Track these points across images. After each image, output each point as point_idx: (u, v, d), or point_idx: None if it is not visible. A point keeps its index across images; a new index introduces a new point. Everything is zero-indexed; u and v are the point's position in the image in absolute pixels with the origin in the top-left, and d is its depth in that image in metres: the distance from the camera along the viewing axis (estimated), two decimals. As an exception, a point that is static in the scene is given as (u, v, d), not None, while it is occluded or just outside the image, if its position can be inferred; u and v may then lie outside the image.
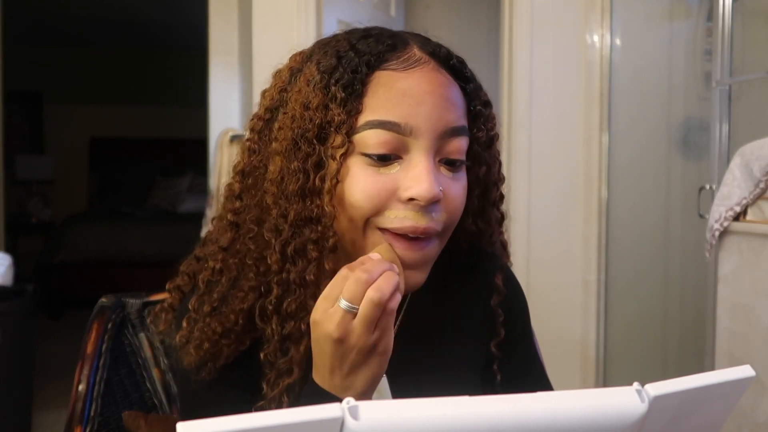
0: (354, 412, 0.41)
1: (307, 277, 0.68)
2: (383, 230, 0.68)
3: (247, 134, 0.76)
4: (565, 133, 2.48)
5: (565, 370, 2.47)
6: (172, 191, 6.14)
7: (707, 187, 2.14)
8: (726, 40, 2.07)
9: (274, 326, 0.69)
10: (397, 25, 2.76)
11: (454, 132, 0.69)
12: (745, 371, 0.52)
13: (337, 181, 0.67)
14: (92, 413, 0.92)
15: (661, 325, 2.60)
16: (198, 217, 3.97)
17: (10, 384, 2.43)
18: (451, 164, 0.70)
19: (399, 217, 0.67)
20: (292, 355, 0.69)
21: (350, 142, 0.67)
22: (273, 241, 0.69)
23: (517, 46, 2.44)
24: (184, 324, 0.73)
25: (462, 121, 0.70)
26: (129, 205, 5.86)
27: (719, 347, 1.74)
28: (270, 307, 0.69)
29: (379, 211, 0.68)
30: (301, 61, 0.73)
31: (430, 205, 0.67)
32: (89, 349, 0.94)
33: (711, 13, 2.26)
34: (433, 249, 0.70)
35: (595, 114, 2.44)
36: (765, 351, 1.60)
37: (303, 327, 0.68)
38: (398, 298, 0.62)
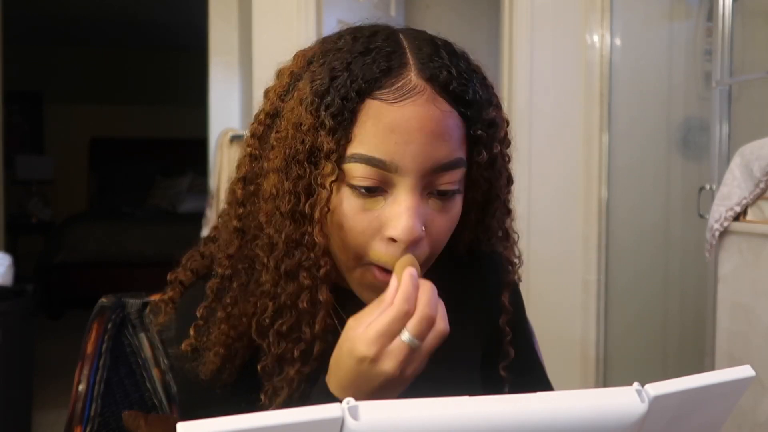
0: (354, 412, 0.41)
1: (300, 305, 0.67)
2: (369, 264, 0.68)
3: (248, 139, 0.75)
4: (565, 133, 2.48)
5: (565, 370, 2.47)
6: (172, 191, 6.13)
7: (707, 187, 2.14)
8: (726, 40, 2.07)
9: (271, 341, 0.68)
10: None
11: (444, 167, 0.67)
12: (745, 371, 0.52)
13: (328, 210, 0.67)
14: (92, 413, 0.92)
15: (661, 325, 2.60)
16: (198, 217, 3.96)
17: (10, 384, 2.43)
18: (442, 195, 0.68)
19: (381, 255, 0.67)
20: (286, 374, 0.68)
21: (340, 170, 0.66)
22: (266, 258, 0.68)
23: (517, 46, 2.44)
24: (192, 332, 0.73)
25: (456, 154, 0.67)
26: (129, 205, 5.86)
27: (719, 347, 1.74)
28: (266, 323, 0.69)
29: (364, 247, 0.67)
30: (303, 65, 0.72)
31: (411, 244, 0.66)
32: (89, 349, 0.94)
33: (711, 13, 2.26)
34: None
35: (595, 114, 2.44)
36: (765, 351, 1.60)
37: (296, 353, 0.68)
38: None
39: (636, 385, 0.47)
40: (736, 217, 1.69)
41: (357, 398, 0.61)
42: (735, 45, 2.08)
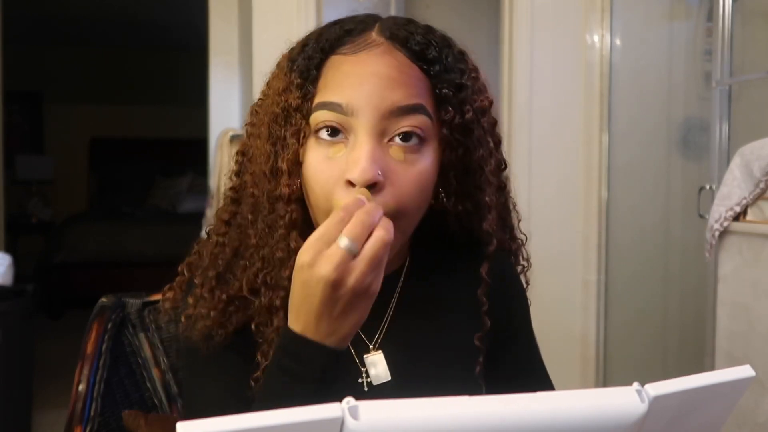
0: (354, 412, 0.41)
1: (277, 254, 0.71)
2: None
3: (247, 116, 0.80)
4: (565, 133, 2.48)
5: (565, 370, 2.47)
6: (172, 191, 6.13)
7: (707, 187, 2.14)
8: (726, 40, 2.07)
9: (262, 297, 0.71)
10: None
11: (402, 111, 0.69)
12: (745, 371, 0.52)
13: (298, 162, 0.71)
14: (92, 413, 0.92)
15: (661, 325, 2.60)
16: (198, 217, 3.96)
17: (10, 384, 2.43)
18: (405, 140, 0.69)
19: (342, 202, 0.67)
20: (276, 326, 0.71)
21: (307, 124, 0.70)
22: (250, 217, 0.73)
23: (517, 46, 2.44)
24: (190, 301, 0.75)
25: (415, 100, 0.70)
26: (129, 205, 5.86)
27: (719, 347, 1.74)
28: (256, 279, 0.72)
29: (329, 197, 0.69)
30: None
31: (371, 188, 0.67)
32: (89, 349, 0.94)
33: (711, 13, 2.26)
34: (394, 234, 0.68)
35: (595, 114, 2.44)
36: (765, 351, 1.60)
37: (278, 301, 0.70)
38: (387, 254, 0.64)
39: (636, 385, 0.47)
40: (736, 217, 1.69)
41: (312, 325, 0.62)
42: (735, 45, 2.08)
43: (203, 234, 0.87)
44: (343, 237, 0.61)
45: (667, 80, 2.57)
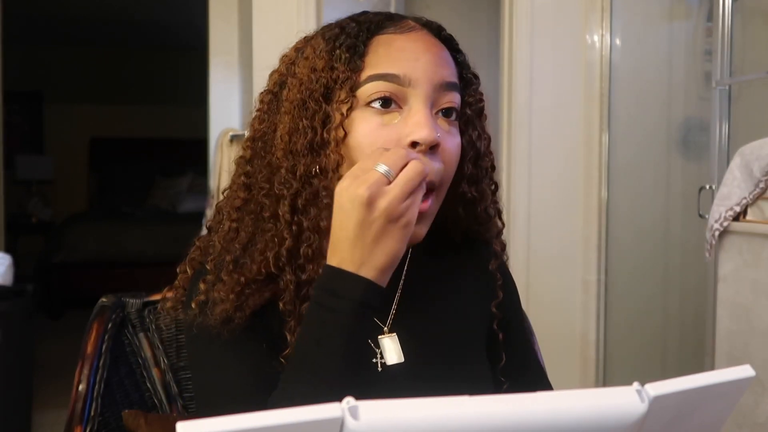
0: (354, 412, 0.41)
1: (321, 224, 0.71)
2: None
3: (256, 103, 0.81)
4: (565, 133, 2.48)
5: (565, 370, 2.47)
6: (172, 191, 6.13)
7: (707, 187, 2.14)
8: (726, 40, 2.07)
9: (288, 275, 0.72)
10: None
11: (448, 86, 0.75)
12: (745, 371, 0.52)
13: (345, 133, 0.72)
14: (92, 413, 0.92)
15: (661, 325, 2.60)
16: (198, 217, 3.97)
17: (10, 384, 2.43)
18: (447, 115, 0.75)
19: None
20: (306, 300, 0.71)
21: (354, 96, 0.72)
22: (285, 193, 0.73)
23: (517, 46, 2.43)
24: (202, 287, 0.75)
25: (455, 79, 0.76)
26: (129, 205, 5.86)
27: (719, 347, 1.74)
28: (284, 255, 0.72)
29: None
30: (305, 42, 0.79)
31: (429, 153, 0.71)
32: (89, 349, 0.94)
33: (711, 13, 2.26)
34: (432, 204, 0.74)
35: (595, 114, 2.44)
36: (765, 351, 1.60)
37: (320, 271, 0.71)
38: (424, 187, 0.68)
39: (636, 385, 0.47)
40: (736, 217, 1.69)
41: (348, 254, 0.65)
42: (735, 45, 2.08)
43: (203, 230, 0.87)
44: (380, 163, 0.65)
45: (667, 80, 2.57)
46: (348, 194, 0.64)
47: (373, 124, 0.72)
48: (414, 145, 0.71)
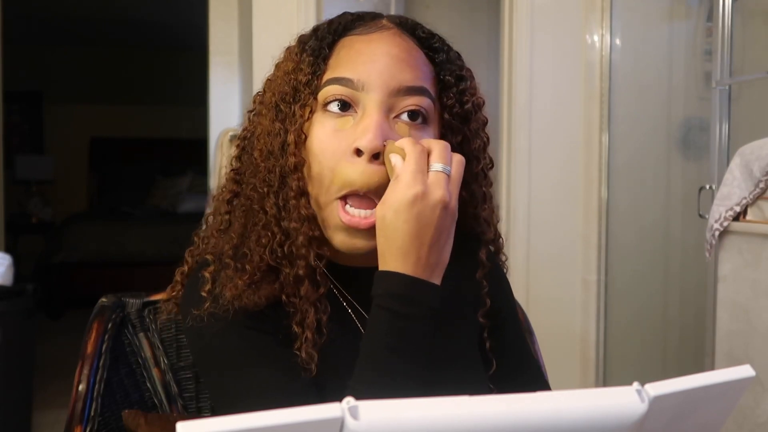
0: (354, 412, 0.41)
1: (291, 224, 0.72)
2: (336, 200, 0.72)
3: (251, 103, 0.83)
4: (565, 133, 2.48)
5: (565, 370, 2.47)
6: (172, 191, 6.13)
7: (707, 187, 2.14)
8: (726, 40, 2.07)
9: (287, 269, 0.73)
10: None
11: (408, 91, 0.73)
12: (745, 371, 0.52)
13: (305, 136, 0.73)
14: (92, 413, 0.92)
15: (661, 325, 2.60)
16: (198, 217, 3.95)
17: (10, 384, 2.43)
18: (412, 118, 0.73)
19: (348, 173, 0.70)
20: (305, 294, 0.72)
21: (315, 99, 0.73)
22: (266, 191, 0.74)
23: (517, 46, 2.44)
24: (207, 275, 0.74)
25: (421, 83, 0.74)
26: (129, 205, 5.86)
27: (719, 347, 1.74)
28: (279, 252, 0.73)
29: (335, 170, 0.71)
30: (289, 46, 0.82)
31: (374, 161, 0.70)
32: (89, 349, 0.94)
33: (711, 13, 2.26)
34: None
35: (595, 114, 2.44)
36: (765, 351, 1.60)
37: (302, 271, 0.72)
38: None
39: (636, 385, 0.47)
40: (736, 217, 1.69)
41: (423, 260, 0.65)
42: (735, 45, 2.08)
43: (203, 227, 0.87)
44: (437, 163, 0.66)
45: (667, 80, 2.57)
46: (429, 201, 0.65)
47: (327, 129, 0.72)
48: (358, 152, 0.70)
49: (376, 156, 0.70)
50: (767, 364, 1.58)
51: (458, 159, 0.68)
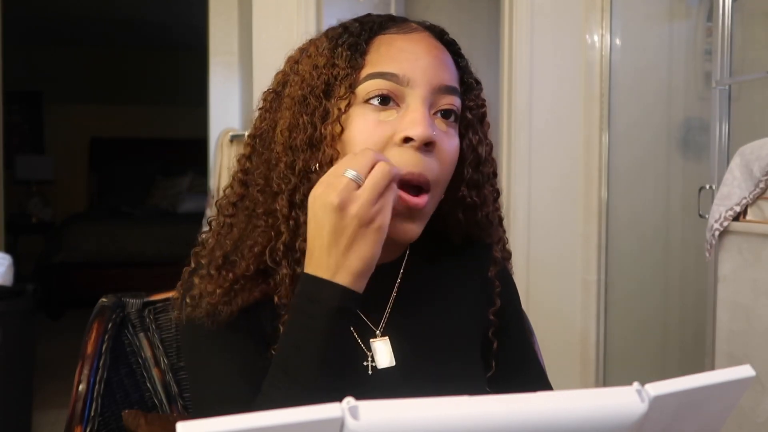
0: (354, 412, 0.41)
1: None
2: None
3: (260, 101, 0.82)
4: (565, 133, 2.48)
5: (565, 370, 2.47)
6: (172, 191, 6.14)
7: (707, 187, 2.14)
8: (726, 40, 2.07)
9: (285, 269, 0.72)
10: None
11: (448, 90, 0.75)
12: (745, 371, 0.52)
13: (342, 129, 0.73)
14: (92, 413, 0.92)
15: (661, 325, 2.60)
16: (198, 217, 3.97)
17: (10, 384, 2.43)
18: (446, 116, 0.76)
19: (396, 160, 0.70)
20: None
21: (353, 93, 0.74)
22: (283, 188, 0.73)
23: (517, 46, 2.43)
24: (196, 281, 0.76)
25: (455, 83, 0.77)
26: (129, 205, 5.86)
27: (719, 347, 1.74)
28: (280, 250, 0.73)
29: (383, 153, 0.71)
30: (309, 42, 0.81)
31: (424, 150, 0.72)
32: (89, 349, 0.94)
33: (711, 13, 2.26)
34: (428, 202, 0.74)
35: (595, 114, 2.44)
36: (765, 351, 1.60)
37: None
38: (395, 188, 0.68)
39: (636, 385, 0.47)
40: (736, 217, 1.69)
41: (323, 261, 0.65)
42: (735, 45, 2.08)
43: (204, 227, 0.87)
44: (348, 168, 0.65)
45: (667, 80, 2.57)
46: (320, 202, 0.65)
47: (369, 120, 0.73)
48: (407, 140, 0.71)
49: (426, 145, 0.72)
50: (767, 364, 1.58)
51: (379, 169, 0.66)
